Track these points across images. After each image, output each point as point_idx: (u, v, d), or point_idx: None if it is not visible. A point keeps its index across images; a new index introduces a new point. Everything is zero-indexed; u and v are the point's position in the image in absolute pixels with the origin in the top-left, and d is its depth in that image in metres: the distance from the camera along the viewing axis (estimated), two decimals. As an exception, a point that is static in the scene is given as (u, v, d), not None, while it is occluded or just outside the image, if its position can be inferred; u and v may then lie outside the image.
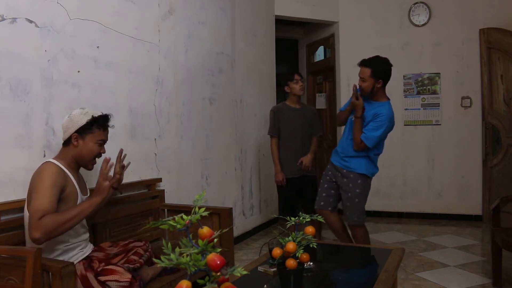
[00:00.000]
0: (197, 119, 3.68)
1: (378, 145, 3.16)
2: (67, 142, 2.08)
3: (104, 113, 2.15)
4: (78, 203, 2.02)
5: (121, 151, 2.23)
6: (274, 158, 3.75)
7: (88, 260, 2.06)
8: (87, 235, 2.17)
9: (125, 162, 2.23)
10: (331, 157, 3.37)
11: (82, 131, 2.06)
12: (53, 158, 2.05)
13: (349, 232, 3.31)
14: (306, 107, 3.97)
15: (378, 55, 3.12)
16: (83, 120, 2.06)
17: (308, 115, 3.83)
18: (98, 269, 1.95)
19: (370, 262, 2.38)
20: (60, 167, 1.99)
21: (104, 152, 2.16)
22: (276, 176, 3.71)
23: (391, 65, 3.09)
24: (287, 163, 3.73)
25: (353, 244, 3.16)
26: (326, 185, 3.31)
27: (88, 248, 2.17)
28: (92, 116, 2.09)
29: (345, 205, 3.22)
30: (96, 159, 2.15)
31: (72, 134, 2.05)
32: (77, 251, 2.07)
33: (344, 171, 3.18)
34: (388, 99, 3.15)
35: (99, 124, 2.10)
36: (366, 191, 3.22)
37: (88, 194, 2.17)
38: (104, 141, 2.16)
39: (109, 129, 2.19)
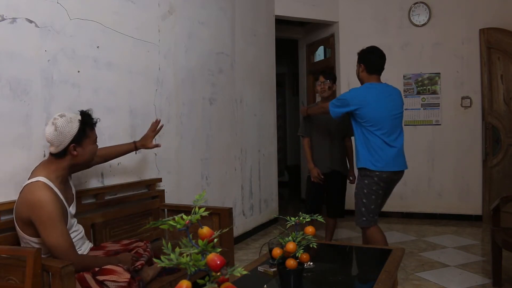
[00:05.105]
0: (197, 119, 3.68)
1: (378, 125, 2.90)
2: (61, 154, 1.96)
3: (84, 110, 2.07)
4: (66, 217, 1.97)
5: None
6: (307, 156, 3.79)
7: None
8: (82, 234, 2.14)
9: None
10: None
11: (78, 139, 1.97)
12: (42, 176, 1.90)
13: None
14: None
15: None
16: (73, 129, 1.95)
17: None
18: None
19: (370, 262, 2.38)
20: (54, 190, 1.90)
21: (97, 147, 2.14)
22: (312, 172, 3.72)
23: (371, 50, 3.05)
24: (317, 161, 3.76)
25: (353, 244, 3.16)
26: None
27: (86, 247, 2.15)
28: (79, 120, 1.98)
29: None
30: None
31: (69, 146, 1.95)
32: None
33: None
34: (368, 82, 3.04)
35: (89, 125, 2.03)
36: (363, 190, 2.94)
37: (74, 201, 2.11)
38: (97, 137, 2.12)
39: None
